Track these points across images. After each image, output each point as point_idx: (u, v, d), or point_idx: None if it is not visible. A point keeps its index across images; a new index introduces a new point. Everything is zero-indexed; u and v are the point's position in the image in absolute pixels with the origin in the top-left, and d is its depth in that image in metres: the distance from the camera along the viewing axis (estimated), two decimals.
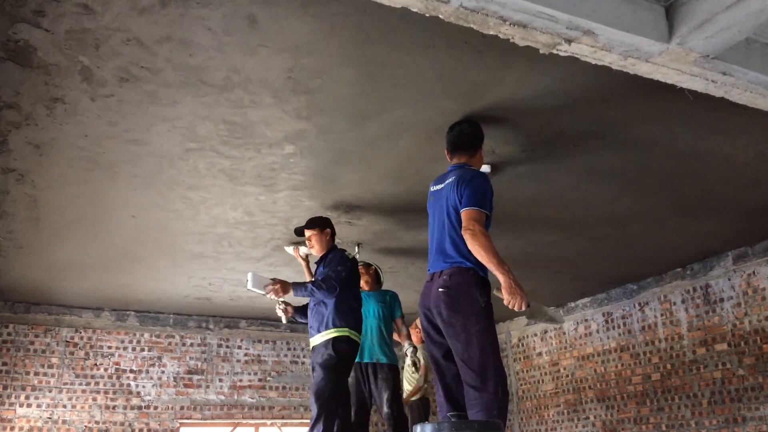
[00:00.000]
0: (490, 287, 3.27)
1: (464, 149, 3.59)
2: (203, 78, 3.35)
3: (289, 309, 4.72)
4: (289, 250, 5.84)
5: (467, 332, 3.15)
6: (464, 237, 3.18)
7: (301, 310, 4.77)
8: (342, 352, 4.33)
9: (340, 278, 4.39)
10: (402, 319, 5.59)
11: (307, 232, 4.73)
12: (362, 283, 5.59)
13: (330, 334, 4.35)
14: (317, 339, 4.41)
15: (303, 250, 5.64)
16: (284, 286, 4.37)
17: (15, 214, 5.08)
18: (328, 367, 4.28)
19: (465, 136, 3.61)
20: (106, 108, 3.61)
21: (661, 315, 7.30)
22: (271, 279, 4.41)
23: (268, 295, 4.40)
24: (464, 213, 3.23)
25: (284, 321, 4.86)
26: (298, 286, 4.38)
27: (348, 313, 4.44)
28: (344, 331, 4.37)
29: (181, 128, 3.86)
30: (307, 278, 5.61)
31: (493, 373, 3.09)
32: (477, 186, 3.31)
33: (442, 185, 3.52)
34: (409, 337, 5.67)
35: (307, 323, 4.63)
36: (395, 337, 5.65)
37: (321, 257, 4.67)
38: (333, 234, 4.76)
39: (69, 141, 3.97)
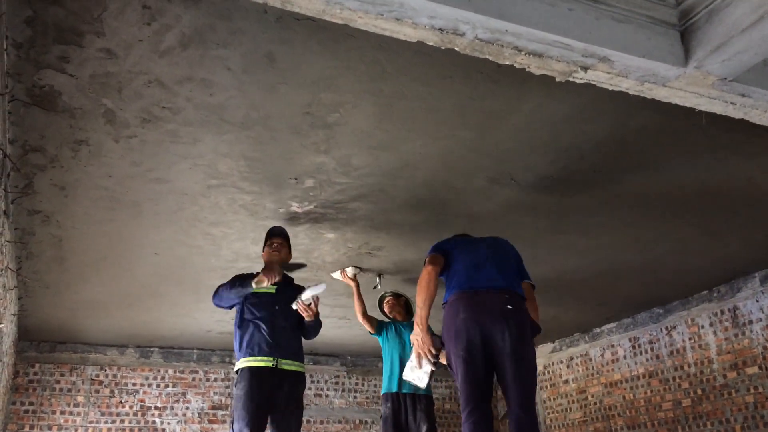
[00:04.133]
0: None
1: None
2: (223, 116, 3.41)
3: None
4: (336, 275, 5.78)
5: (530, 355, 3.31)
6: (531, 306, 3.53)
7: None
8: None
9: None
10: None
11: (280, 239, 4.36)
12: (395, 314, 5.64)
13: (302, 367, 4.16)
14: (292, 365, 4.09)
15: (350, 270, 5.66)
16: (315, 313, 4.13)
17: (41, 255, 5.15)
18: (302, 402, 4.17)
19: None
20: (129, 148, 3.68)
21: (690, 339, 7.18)
22: (314, 297, 4.07)
23: (303, 305, 4.08)
24: (528, 286, 3.67)
25: (259, 284, 4.14)
26: (317, 319, 4.20)
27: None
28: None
29: (202, 166, 3.91)
30: (357, 302, 5.54)
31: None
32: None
33: (477, 236, 3.89)
34: None
35: (227, 302, 4.29)
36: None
37: (288, 282, 4.38)
38: None
39: (93, 182, 4.04)
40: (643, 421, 7.66)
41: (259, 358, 4.03)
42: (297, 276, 5.17)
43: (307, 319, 4.14)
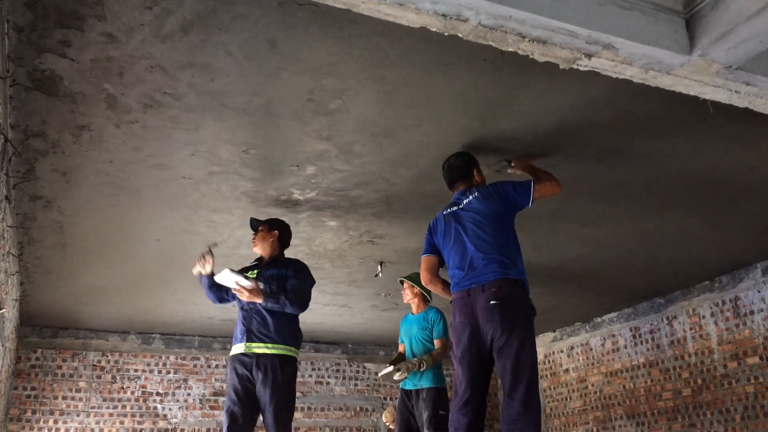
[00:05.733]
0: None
1: (459, 179, 3.75)
2: (225, 102, 3.39)
3: (209, 262, 4.21)
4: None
5: (521, 347, 3.22)
6: (555, 188, 3.58)
7: (213, 285, 4.23)
8: (295, 374, 4.04)
9: (309, 294, 4.10)
10: (441, 339, 5.11)
11: (256, 232, 4.30)
12: (409, 303, 5.35)
13: (286, 350, 3.96)
14: (265, 348, 3.93)
15: (397, 375, 5.05)
16: (256, 293, 3.93)
17: (42, 241, 5.16)
18: (291, 389, 3.95)
19: (455, 169, 3.76)
20: (130, 134, 3.67)
21: (690, 329, 7.19)
22: (248, 278, 3.95)
23: (234, 291, 4.00)
24: (537, 188, 3.54)
25: (195, 272, 4.32)
26: (271, 297, 3.95)
27: (299, 332, 4.13)
28: (296, 352, 4.04)
29: (203, 152, 3.90)
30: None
31: (536, 390, 3.22)
32: (508, 182, 3.58)
33: (459, 206, 3.61)
34: (436, 357, 5.07)
35: (212, 299, 4.32)
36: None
37: (275, 259, 4.23)
38: (283, 240, 4.32)
39: (95, 167, 4.03)
40: (642, 411, 7.69)
41: (235, 345, 4.04)
42: None
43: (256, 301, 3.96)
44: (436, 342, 5.13)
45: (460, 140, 3.84)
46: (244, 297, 3.94)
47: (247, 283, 3.91)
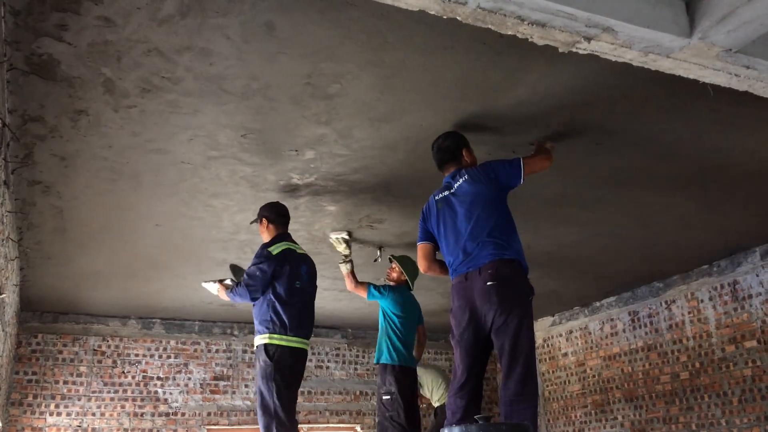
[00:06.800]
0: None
1: (449, 160, 3.73)
2: (223, 86, 3.38)
3: None
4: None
5: (518, 327, 3.23)
6: (544, 161, 3.67)
7: None
8: (275, 360, 4.11)
9: (255, 277, 4.18)
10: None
11: None
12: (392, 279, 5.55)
13: (260, 339, 4.19)
14: (255, 343, 4.28)
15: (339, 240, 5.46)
16: (221, 295, 4.58)
17: (42, 226, 5.16)
18: (264, 377, 4.12)
19: (444, 150, 3.74)
20: (128, 119, 3.66)
21: (689, 313, 7.21)
22: (215, 282, 4.67)
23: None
24: (524, 161, 3.57)
25: None
26: (228, 291, 4.46)
27: (270, 316, 4.18)
28: (265, 338, 4.15)
29: (202, 137, 3.90)
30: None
31: (533, 371, 3.23)
32: (497, 161, 3.61)
33: (451, 190, 3.61)
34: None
35: None
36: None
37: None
38: (270, 220, 4.52)
39: (93, 152, 4.03)
40: (640, 394, 7.73)
41: None
42: None
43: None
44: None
45: (459, 124, 3.83)
46: (224, 297, 4.57)
47: (216, 288, 4.60)
